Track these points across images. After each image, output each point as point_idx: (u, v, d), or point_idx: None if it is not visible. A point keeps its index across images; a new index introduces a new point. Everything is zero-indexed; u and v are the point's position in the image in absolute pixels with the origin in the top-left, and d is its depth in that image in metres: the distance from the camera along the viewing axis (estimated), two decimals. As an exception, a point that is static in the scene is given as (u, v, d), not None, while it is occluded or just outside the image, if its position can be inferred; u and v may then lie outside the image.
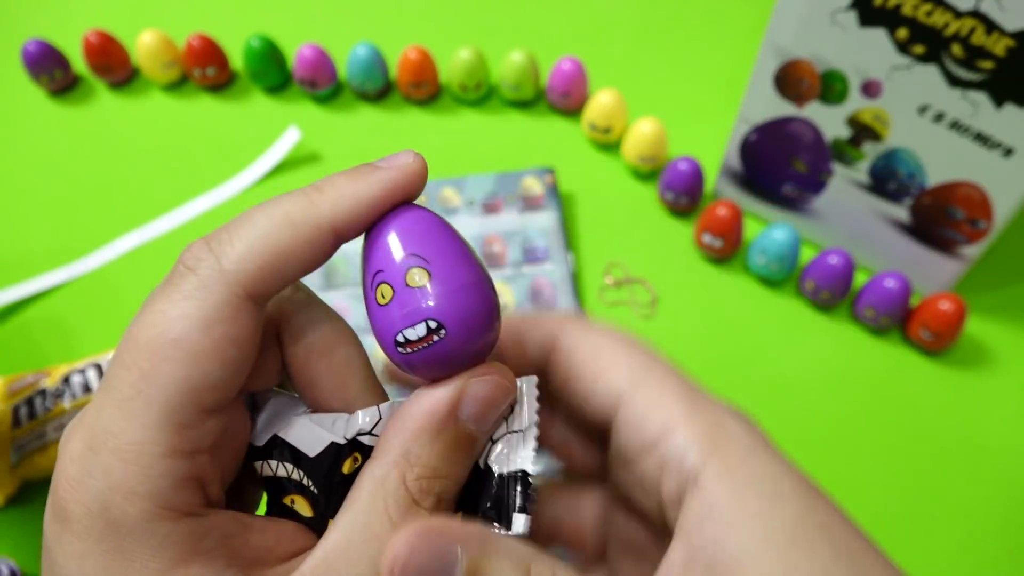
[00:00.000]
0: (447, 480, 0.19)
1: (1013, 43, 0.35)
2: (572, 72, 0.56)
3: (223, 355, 0.18)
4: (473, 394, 0.19)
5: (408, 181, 0.20)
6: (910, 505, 0.43)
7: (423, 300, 0.19)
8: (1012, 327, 0.49)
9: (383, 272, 0.19)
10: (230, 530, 0.18)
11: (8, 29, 0.63)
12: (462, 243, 0.20)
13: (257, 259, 0.18)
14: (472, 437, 0.20)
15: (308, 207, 0.19)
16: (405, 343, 0.19)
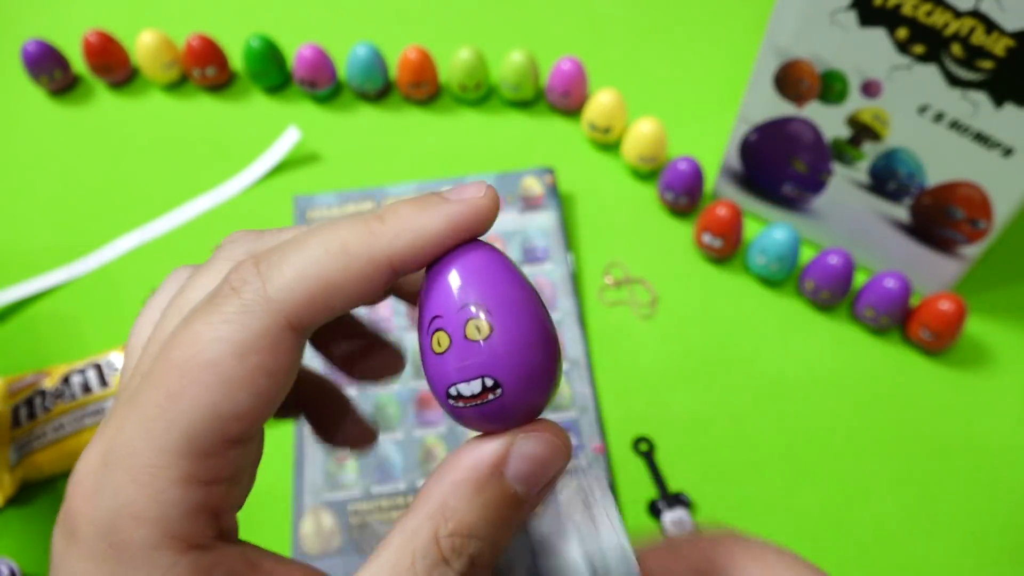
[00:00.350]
0: (483, 543, 0.18)
1: (1013, 43, 0.35)
2: (572, 72, 0.56)
3: (256, 385, 0.17)
4: (521, 452, 0.18)
5: (477, 217, 0.19)
6: (910, 505, 0.43)
7: (481, 356, 0.17)
8: (1012, 327, 0.49)
9: (441, 319, 0.18)
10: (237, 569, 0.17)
11: (8, 29, 0.63)
12: (529, 291, 0.19)
13: (306, 288, 0.17)
14: (517, 499, 0.18)
15: (367, 237, 0.18)
16: (458, 397, 0.18)
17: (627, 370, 0.47)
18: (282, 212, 0.53)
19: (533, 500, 0.19)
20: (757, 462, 0.45)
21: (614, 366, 0.47)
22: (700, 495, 0.43)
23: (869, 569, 0.42)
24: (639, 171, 0.54)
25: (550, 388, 0.18)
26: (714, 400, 0.46)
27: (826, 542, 0.42)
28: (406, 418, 0.45)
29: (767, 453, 0.45)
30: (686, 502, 0.43)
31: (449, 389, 0.18)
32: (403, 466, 0.44)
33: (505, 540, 0.18)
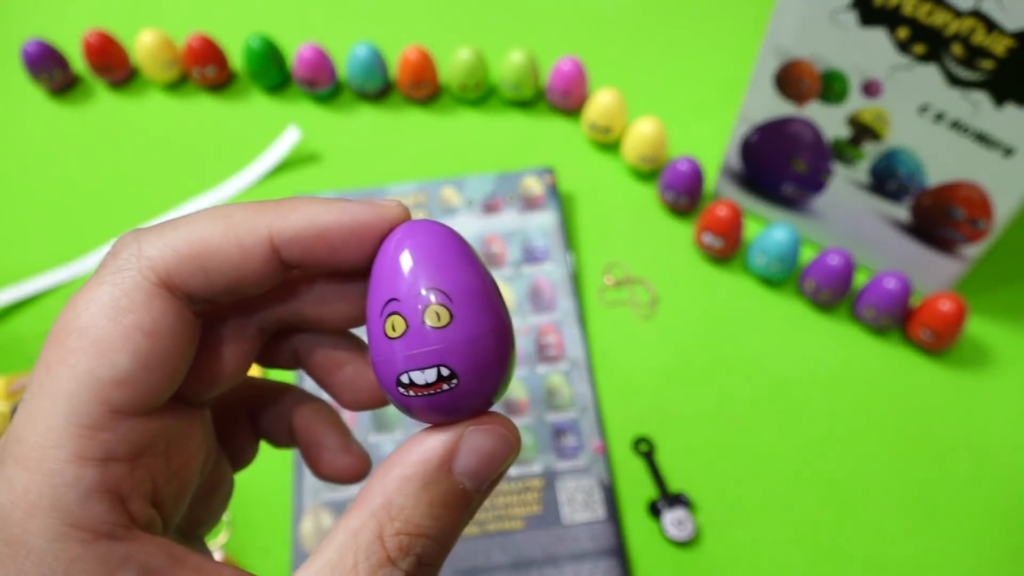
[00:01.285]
0: (432, 541, 0.17)
1: (1013, 43, 0.35)
2: (572, 72, 0.55)
3: (133, 344, 0.16)
4: (472, 446, 0.17)
5: (377, 216, 0.18)
6: (910, 505, 0.43)
7: (439, 344, 0.17)
8: (1012, 327, 0.49)
9: (398, 302, 0.17)
10: (156, 563, 0.16)
11: (8, 29, 0.63)
12: (488, 279, 0.18)
13: (181, 248, 0.17)
14: (466, 495, 0.17)
15: (252, 212, 0.18)
16: (410, 385, 0.17)
17: (627, 370, 0.47)
18: (282, 212, 0.53)
19: (481, 496, 0.18)
20: (757, 462, 0.44)
21: (614, 366, 0.47)
22: (700, 495, 0.43)
23: (869, 569, 0.42)
24: (639, 171, 0.54)
25: (504, 380, 0.18)
26: (714, 400, 0.46)
27: (826, 542, 0.42)
28: (405, 418, 0.45)
29: (767, 453, 0.45)
30: (686, 502, 0.43)
31: (401, 376, 0.17)
32: (403, 466, 0.44)
33: (454, 537, 0.18)
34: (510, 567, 0.41)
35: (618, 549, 0.41)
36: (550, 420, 0.45)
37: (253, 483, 0.44)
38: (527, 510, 0.42)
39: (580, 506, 0.42)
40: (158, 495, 0.17)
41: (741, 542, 0.42)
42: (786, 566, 0.42)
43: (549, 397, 0.46)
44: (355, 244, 0.18)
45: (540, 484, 0.43)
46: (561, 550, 0.41)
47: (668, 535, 0.42)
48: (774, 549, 0.42)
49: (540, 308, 0.49)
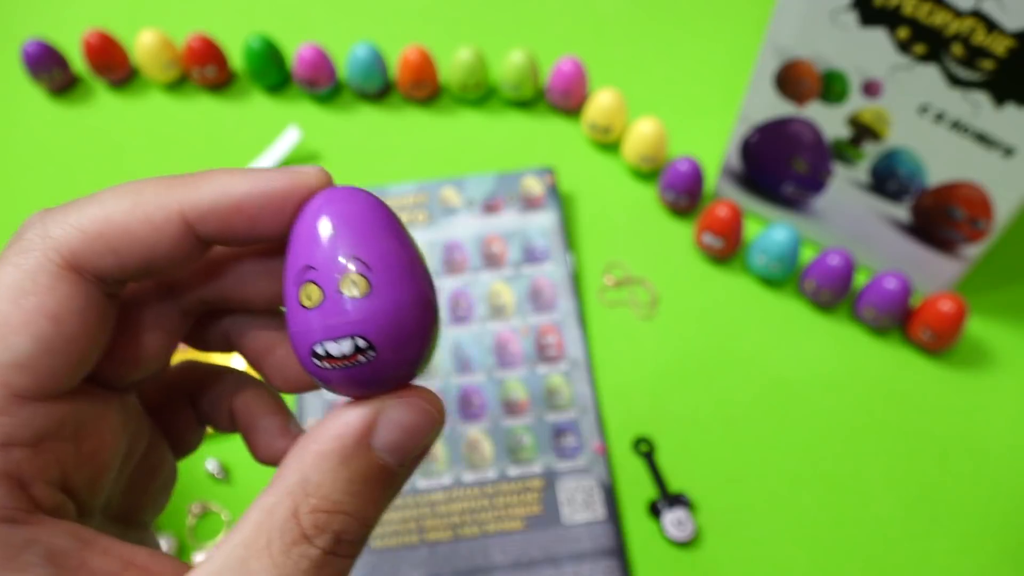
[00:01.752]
0: (350, 518, 0.16)
1: (1014, 43, 0.35)
2: (572, 72, 0.55)
3: (36, 328, 0.16)
4: (391, 419, 0.17)
5: (294, 187, 0.17)
6: (910, 505, 0.43)
7: (355, 314, 0.16)
8: (1013, 327, 0.49)
9: (314, 270, 0.16)
10: (61, 545, 0.16)
11: (8, 29, 0.63)
12: (411, 248, 0.17)
13: (87, 228, 0.16)
14: (387, 471, 0.17)
15: (163, 187, 0.17)
16: (325, 356, 0.16)
17: (627, 370, 0.47)
18: (282, 212, 0.53)
19: (404, 472, 0.17)
20: (757, 462, 0.44)
21: (614, 366, 0.47)
22: (700, 495, 0.43)
23: (869, 569, 0.42)
24: (639, 171, 0.54)
25: (426, 353, 0.17)
26: (714, 400, 0.46)
27: (826, 542, 0.42)
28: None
29: (767, 453, 0.45)
30: (686, 502, 0.43)
31: (315, 347, 0.16)
32: (403, 466, 0.44)
33: (376, 514, 0.17)
34: (510, 567, 0.41)
35: (618, 549, 0.41)
36: (550, 420, 0.45)
37: (251, 485, 0.44)
38: (527, 510, 0.42)
39: (580, 506, 0.42)
40: (68, 480, 0.17)
41: (741, 542, 0.42)
42: (786, 566, 0.42)
43: (549, 397, 0.46)
44: (272, 214, 0.17)
45: (540, 484, 0.43)
46: (561, 550, 0.41)
47: (668, 535, 0.42)
48: (774, 549, 0.42)
49: (540, 308, 0.49)
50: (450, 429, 0.45)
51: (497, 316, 0.48)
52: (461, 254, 0.50)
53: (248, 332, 0.21)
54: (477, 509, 0.43)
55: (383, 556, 0.41)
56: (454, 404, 0.46)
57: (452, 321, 0.48)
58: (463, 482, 0.44)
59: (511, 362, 0.47)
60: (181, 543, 0.43)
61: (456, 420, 0.45)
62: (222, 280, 0.20)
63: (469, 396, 0.46)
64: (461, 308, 0.49)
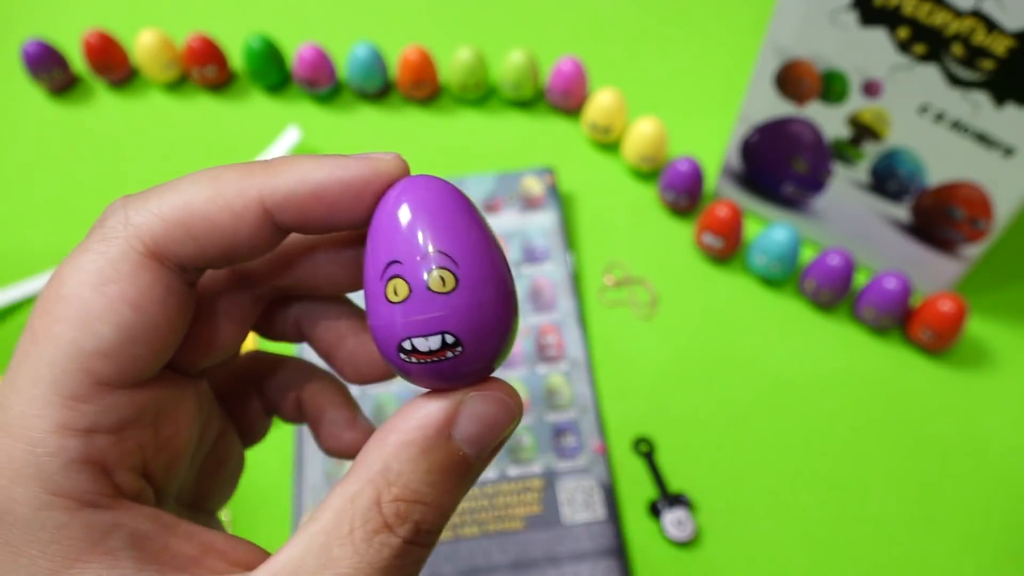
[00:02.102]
0: (430, 508, 0.17)
1: (1014, 43, 0.35)
2: (572, 72, 0.55)
3: (118, 316, 0.16)
4: (472, 412, 0.17)
5: (374, 175, 0.17)
6: (911, 505, 0.43)
7: (445, 310, 0.16)
8: (1012, 327, 0.49)
9: (400, 264, 0.16)
10: (144, 530, 0.16)
11: (8, 29, 0.63)
12: (493, 241, 0.17)
13: (168, 215, 0.16)
14: (466, 462, 0.17)
15: (242, 174, 0.17)
16: (412, 351, 0.16)
17: (627, 370, 0.47)
18: (282, 212, 0.53)
19: (481, 463, 0.18)
20: (757, 462, 0.44)
21: (614, 366, 0.47)
22: (700, 495, 0.43)
23: (869, 569, 0.42)
24: (639, 171, 0.54)
25: (507, 346, 0.17)
26: (714, 400, 0.46)
27: (826, 542, 0.42)
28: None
29: (767, 453, 0.45)
30: (686, 502, 0.43)
31: (403, 343, 0.16)
32: (403, 466, 0.44)
33: (453, 505, 0.17)
34: (510, 567, 0.41)
35: (618, 549, 0.41)
36: (550, 420, 0.45)
37: (253, 483, 0.44)
38: (527, 510, 0.42)
39: (580, 506, 0.42)
40: (147, 466, 0.17)
41: (741, 542, 0.42)
42: (786, 566, 0.42)
43: (549, 397, 0.46)
44: (351, 201, 0.17)
45: (540, 484, 0.43)
46: (561, 550, 0.41)
47: (668, 535, 0.42)
48: (774, 549, 0.42)
49: (540, 308, 0.49)
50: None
51: (497, 316, 0.48)
52: (461, 254, 0.50)
53: (319, 321, 0.22)
54: (477, 509, 0.43)
55: (383, 556, 0.41)
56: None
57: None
58: (463, 482, 0.43)
59: (511, 362, 0.47)
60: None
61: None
62: (296, 268, 0.20)
63: (469, 396, 0.46)
64: (461, 308, 0.49)
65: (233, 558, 0.17)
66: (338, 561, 0.15)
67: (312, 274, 0.20)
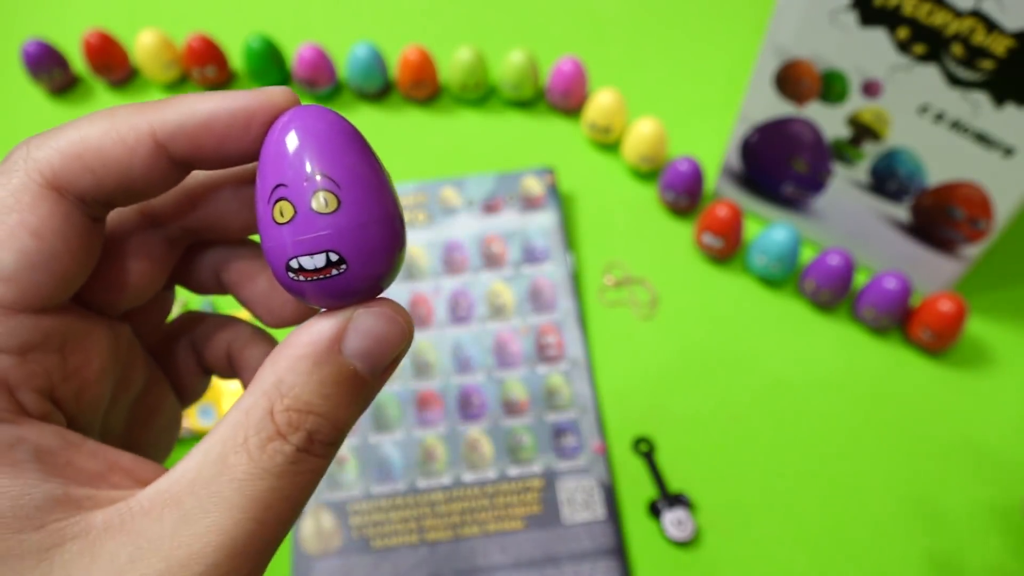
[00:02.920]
0: (323, 419, 0.17)
1: (1013, 43, 0.35)
2: (572, 72, 0.55)
3: (18, 244, 0.16)
4: (360, 327, 0.18)
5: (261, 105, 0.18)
6: (910, 505, 0.43)
7: (328, 229, 0.17)
8: (1012, 327, 0.49)
9: (286, 187, 0.17)
10: (49, 445, 0.17)
11: (8, 29, 0.63)
12: (376, 164, 0.18)
13: (65, 149, 0.17)
14: (358, 376, 0.18)
15: (135, 110, 0.18)
16: (299, 270, 0.17)
17: (627, 370, 0.47)
18: (282, 212, 0.53)
19: (376, 380, 0.18)
20: (757, 462, 0.44)
21: (614, 366, 0.47)
22: (700, 495, 0.43)
23: (869, 569, 0.42)
24: (639, 171, 0.54)
25: (394, 265, 0.18)
26: (714, 400, 0.46)
27: (826, 542, 0.42)
28: (406, 418, 0.45)
29: (767, 453, 0.45)
30: (686, 502, 0.43)
31: (290, 262, 0.17)
32: (403, 466, 0.44)
33: (347, 418, 0.18)
34: (510, 567, 0.41)
35: (618, 549, 0.41)
36: (550, 420, 0.45)
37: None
38: (527, 510, 0.42)
39: (580, 506, 0.42)
40: (55, 391, 0.18)
41: (741, 542, 0.42)
42: (786, 566, 0.42)
43: (549, 397, 0.46)
44: (240, 131, 0.18)
45: (540, 484, 0.43)
46: (561, 550, 0.41)
47: (668, 535, 0.42)
48: (774, 549, 0.42)
49: (540, 308, 0.49)
50: (450, 429, 0.45)
51: (497, 316, 0.48)
52: (461, 254, 0.50)
53: (233, 265, 0.22)
54: (477, 509, 0.43)
55: (383, 556, 0.42)
56: (454, 404, 0.46)
57: (452, 321, 0.48)
58: (463, 482, 0.44)
59: (511, 362, 0.47)
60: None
61: (456, 420, 0.45)
62: (202, 208, 0.21)
63: (469, 396, 0.46)
64: (461, 308, 0.49)
65: (138, 475, 0.18)
66: (233, 468, 0.16)
67: (219, 213, 0.21)
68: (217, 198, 0.21)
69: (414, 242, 0.51)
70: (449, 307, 0.49)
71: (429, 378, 0.47)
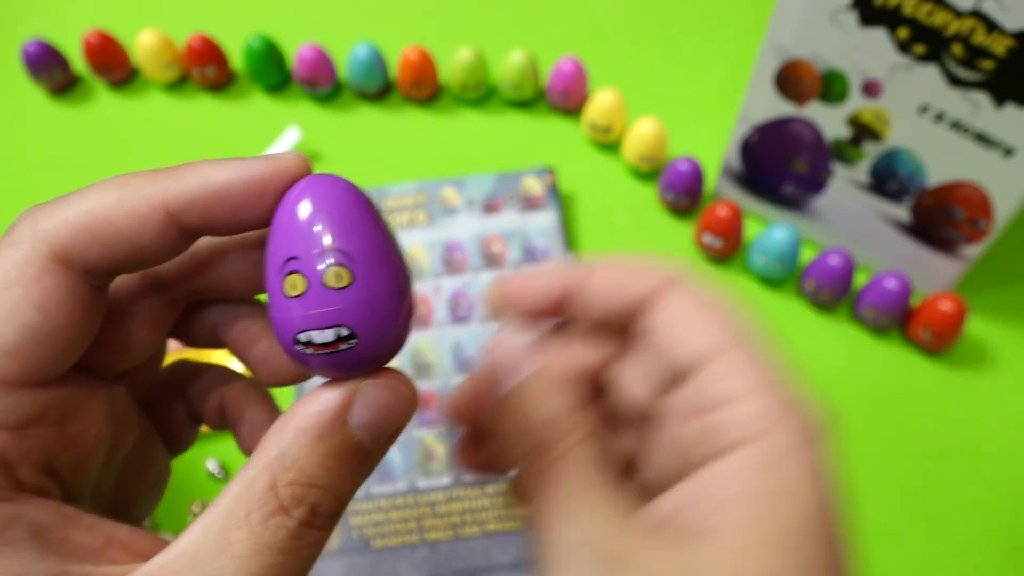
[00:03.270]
0: (326, 492, 0.17)
1: (1013, 43, 0.35)
2: (572, 72, 0.55)
3: (22, 317, 0.16)
4: (366, 399, 0.18)
5: (275, 175, 0.18)
6: (910, 505, 0.43)
7: (339, 304, 0.17)
8: (1012, 327, 0.49)
9: (298, 260, 0.17)
10: (46, 521, 0.16)
11: (8, 29, 0.63)
12: (388, 235, 0.18)
13: (73, 221, 0.17)
14: (362, 448, 0.18)
15: (147, 180, 0.17)
16: (308, 344, 0.17)
17: (627, 370, 0.47)
18: (282, 212, 0.53)
19: (378, 450, 0.18)
20: (757, 462, 0.44)
21: (614, 366, 0.47)
22: (700, 495, 0.43)
23: (869, 569, 0.42)
24: (639, 171, 0.54)
25: (403, 339, 0.18)
26: (714, 400, 0.46)
27: (826, 542, 0.42)
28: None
29: (767, 453, 0.45)
30: (686, 502, 0.43)
31: (299, 335, 0.17)
32: (403, 466, 0.44)
33: (349, 489, 0.18)
34: (510, 567, 0.41)
35: (618, 549, 0.41)
36: (550, 420, 0.45)
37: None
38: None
39: (580, 506, 0.42)
40: (52, 463, 0.18)
41: (741, 542, 0.42)
42: (786, 566, 0.42)
43: (549, 397, 0.46)
44: (253, 201, 0.18)
45: (540, 484, 0.43)
46: (561, 550, 0.41)
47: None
48: (774, 549, 0.42)
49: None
50: (450, 429, 0.45)
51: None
52: (461, 254, 0.50)
53: (233, 323, 0.22)
54: (477, 509, 0.43)
55: (383, 556, 0.42)
56: (454, 404, 0.46)
57: (452, 321, 0.48)
58: (463, 482, 0.44)
59: (511, 362, 0.47)
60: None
61: (456, 420, 0.45)
62: (208, 271, 0.21)
63: (469, 396, 0.46)
64: (461, 308, 0.49)
65: (135, 549, 0.17)
66: (235, 544, 0.16)
67: (224, 276, 0.21)
68: (224, 262, 0.21)
69: (414, 242, 0.51)
70: (449, 307, 0.49)
71: (429, 378, 0.47)
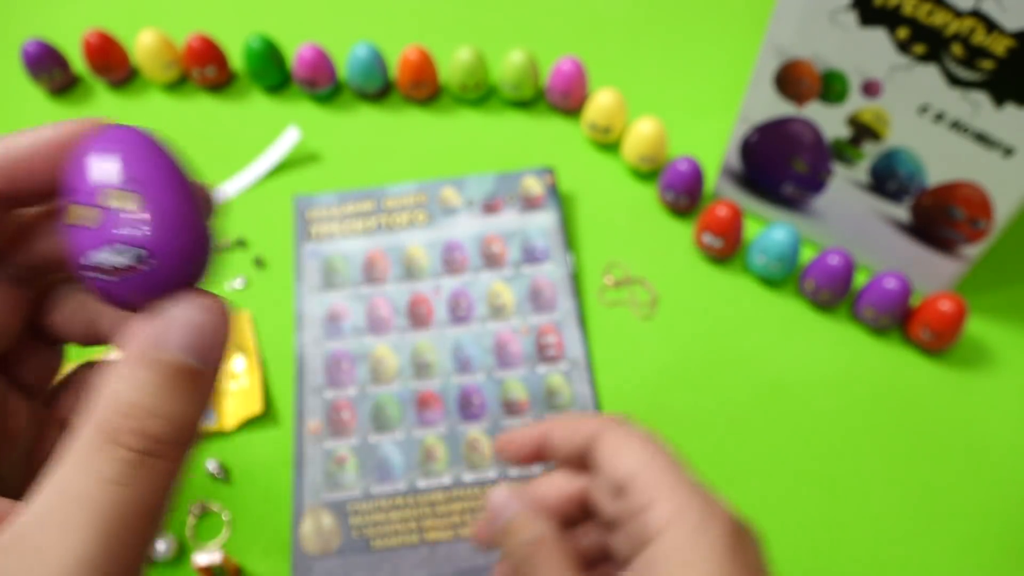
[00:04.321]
0: (161, 419, 0.17)
1: (1013, 43, 0.35)
2: (572, 72, 0.55)
3: None
4: (177, 320, 0.18)
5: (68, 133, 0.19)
6: (910, 505, 0.43)
7: (129, 227, 0.17)
8: (1012, 327, 0.49)
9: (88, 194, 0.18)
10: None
11: (8, 29, 0.63)
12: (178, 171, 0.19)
13: None
14: (191, 370, 0.18)
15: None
16: (104, 270, 0.17)
17: (627, 370, 0.47)
18: (282, 212, 0.53)
19: (208, 370, 0.18)
20: (757, 462, 0.44)
21: (614, 366, 0.47)
22: (700, 495, 0.43)
23: (869, 569, 0.42)
24: (639, 171, 0.54)
25: (203, 260, 0.18)
26: (714, 400, 0.46)
27: (826, 542, 0.42)
28: (406, 418, 0.45)
29: (767, 453, 0.45)
30: (686, 502, 0.43)
31: (94, 260, 0.17)
32: (403, 466, 0.44)
33: (186, 413, 0.18)
34: (510, 567, 0.41)
35: (618, 549, 0.41)
36: (550, 420, 0.45)
37: (253, 483, 0.44)
38: (527, 510, 0.42)
39: (580, 506, 0.42)
40: None
41: (741, 542, 0.42)
42: (786, 566, 0.42)
43: (549, 397, 0.46)
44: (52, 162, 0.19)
45: (540, 484, 0.43)
46: (561, 550, 0.41)
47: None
48: (774, 549, 0.42)
49: (540, 308, 0.49)
50: (450, 429, 0.45)
51: (497, 316, 0.48)
52: (461, 254, 0.50)
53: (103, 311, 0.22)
54: (477, 509, 0.43)
55: (383, 556, 0.42)
56: (454, 404, 0.46)
57: (452, 321, 0.48)
58: (463, 482, 0.44)
59: (511, 362, 0.47)
60: (182, 543, 0.43)
61: (456, 420, 0.45)
62: (36, 243, 0.21)
63: (469, 396, 0.46)
64: (461, 308, 0.49)
65: None
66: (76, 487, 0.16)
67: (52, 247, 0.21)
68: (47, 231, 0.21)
69: (414, 242, 0.51)
70: (449, 307, 0.49)
71: (429, 378, 0.47)
